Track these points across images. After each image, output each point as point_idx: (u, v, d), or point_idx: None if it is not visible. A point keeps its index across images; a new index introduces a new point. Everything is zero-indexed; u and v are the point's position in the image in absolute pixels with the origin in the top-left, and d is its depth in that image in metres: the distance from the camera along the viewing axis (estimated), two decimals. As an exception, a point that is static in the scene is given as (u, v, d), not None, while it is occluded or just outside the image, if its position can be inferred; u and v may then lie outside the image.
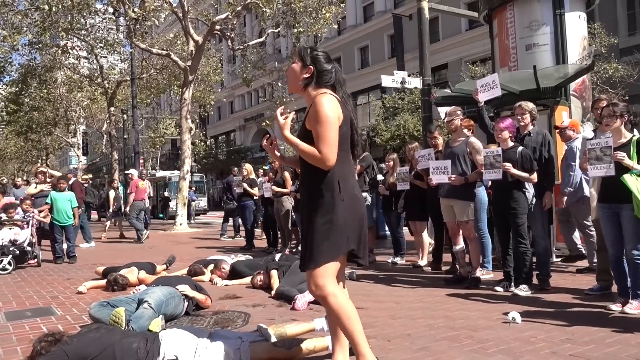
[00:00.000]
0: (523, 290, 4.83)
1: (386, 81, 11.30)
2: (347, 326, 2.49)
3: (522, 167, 4.90)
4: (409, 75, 11.67)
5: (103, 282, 5.88)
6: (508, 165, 4.85)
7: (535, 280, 5.08)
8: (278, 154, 2.93)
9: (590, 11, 8.60)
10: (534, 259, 5.17)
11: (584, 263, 6.27)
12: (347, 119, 2.57)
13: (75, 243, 9.18)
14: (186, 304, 4.40)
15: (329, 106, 2.49)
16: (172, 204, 23.04)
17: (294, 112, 2.83)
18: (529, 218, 5.03)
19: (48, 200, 8.82)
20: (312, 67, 2.62)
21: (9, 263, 7.50)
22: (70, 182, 11.23)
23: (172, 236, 14.27)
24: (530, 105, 5.39)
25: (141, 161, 24.13)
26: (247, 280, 5.81)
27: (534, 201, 5.10)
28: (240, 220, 11.45)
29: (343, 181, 2.54)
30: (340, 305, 2.48)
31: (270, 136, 2.87)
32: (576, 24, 8.03)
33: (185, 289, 4.45)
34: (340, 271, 2.63)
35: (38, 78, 23.99)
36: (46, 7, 15.05)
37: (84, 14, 17.76)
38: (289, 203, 8.68)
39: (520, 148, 4.99)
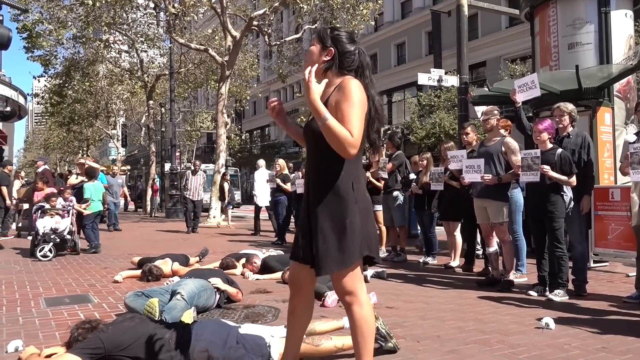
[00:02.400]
0: (558, 296, 4.72)
1: (423, 79, 11.17)
2: (358, 340, 2.36)
3: (560, 170, 4.78)
4: (446, 73, 11.51)
5: (138, 272, 6.03)
6: (546, 168, 4.74)
7: (570, 286, 4.96)
8: (282, 119, 2.54)
9: (638, 9, 8.29)
10: (570, 264, 5.05)
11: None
12: (368, 112, 2.33)
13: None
14: (218, 296, 4.47)
15: (360, 90, 2.27)
16: (206, 197, 23.39)
17: (326, 80, 2.41)
18: (566, 222, 4.90)
19: (87, 195, 9.09)
20: (332, 48, 2.38)
21: (50, 250, 7.76)
22: (40, 170, 11.80)
23: (206, 229, 14.49)
24: (569, 106, 5.24)
25: (177, 154, 24.55)
26: (278, 275, 5.86)
27: (571, 205, 4.97)
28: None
29: (356, 182, 2.37)
30: (363, 317, 2.34)
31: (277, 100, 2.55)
32: (622, 22, 7.77)
33: (217, 282, 4.52)
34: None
35: (81, 71, 24.64)
36: (90, 2, 15.45)
37: (126, 9, 18.19)
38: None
39: (560, 150, 4.87)
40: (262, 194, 11.99)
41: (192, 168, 13.30)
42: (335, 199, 2.32)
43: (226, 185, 15.41)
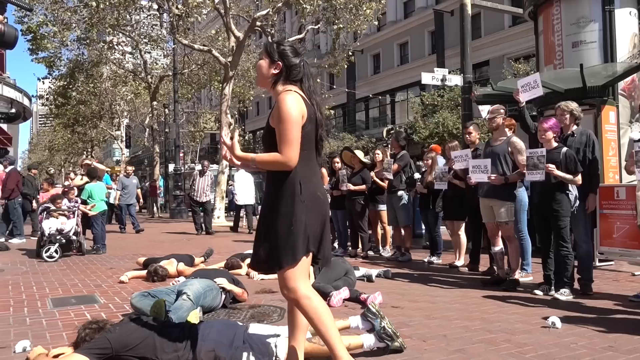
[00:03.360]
0: (564, 295, 4.71)
1: (426, 78, 11.18)
2: (321, 328, 2.46)
3: (566, 169, 4.77)
4: (449, 72, 11.51)
5: (144, 272, 6.05)
6: (552, 167, 4.73)
7: (576, 285, 4.95)
8: (239, 153, 2.57)
9: (642, 7, 8.26)
10: (576, 263, 5.03)
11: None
12: (311, 117, 2.50)
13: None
14: (223, 296, 4.48)
15: (293, 104, 2.43)
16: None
17: (237, 131, 2.71)
18: (571, 221, 4.89)
19: (85, 196, 9.08)
20: (280, 62, 2.54)
21: (56, 251, 7.80)
22: (7, 170, 10.78)
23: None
24: (571, 105, 5.21)
25: (181, 154, 24.61)
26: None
27: (577, 203, 4.96)
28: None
29: (305, 182, 2.48)
30: (315, 307, 2.45)
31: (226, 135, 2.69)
32: (626, 20, 7.74)
33: (223, 282, 4.53)
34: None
35: (85, 73, 24.74)
36: (94, 3, 15.52)
37: (130, 10, 18.25)
38: (325, 199, 8.70)
39: (565, 149, 4.86)
40: (242, 193, 12.59)
41: (200, 169, 13.04)
42: (283, 199, 2.46)
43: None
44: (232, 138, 2.58)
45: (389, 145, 8.10)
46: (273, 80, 2.56)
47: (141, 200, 16.37)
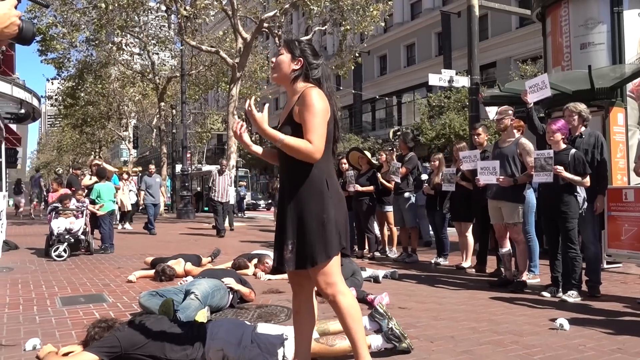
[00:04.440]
0: (572, 297, 4.70)
1: (434, 80, 11.18)
2: (351, 326, 2.48)
3: (574, 170, 4.75)
4: (456, 74, 11.50)
5: (151, 272, 6.08)
6: (560, 168, 4.72)
7: (584, 287, 4.93)
8: (250, 142, 2.67)
9: (651, 8, 8.22)
10: (584, 265, 5.02)
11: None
12: (332, 116, 2.51)
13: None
14: (231, 296, 4.50)
15: (321, 98, 2.44)
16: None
17: (267, 105, 2.62)
18: (579, 223, 4.88)
19: (94, 195, 9.15)
20: (301, 59, 2.54)
21: (64, 250, 7.86)
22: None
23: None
24: (579, 106, 5.20)
25: (188, 155, 24.70)
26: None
27: (585, 205, 4.94)
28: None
29: (330, 179, 2.51)
30: (350, 304, 2.47)
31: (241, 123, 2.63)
32: (635, 22, 7.70)
33: (230, 281, 4.55)
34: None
35: (93, 73, 24.88)
36: (103, 5, 15.61)
37: (138, 11, 18.32)
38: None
39: (573, 150, 4.85)
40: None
41: (219, 168, 12.46)
42: (313, 196, 2.46)
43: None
44: (261, 111, 2.47)
45: (395, 148, 8.08)
46: (294, 77, 2.54)
47: (166, 199, 16.15)
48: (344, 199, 2.61)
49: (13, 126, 20.48)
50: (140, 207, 14.51)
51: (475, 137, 6.52)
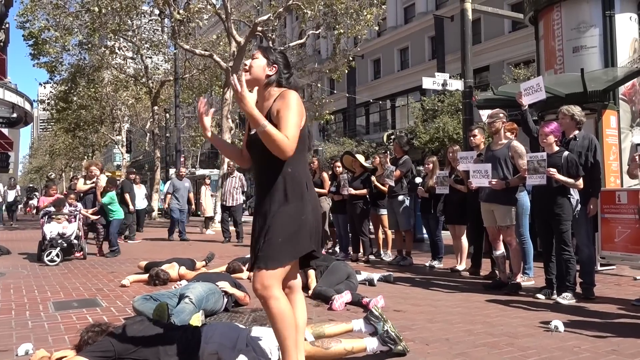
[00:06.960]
0: (566, 299, 4.71)
1: (427, 83, 11.19)
2: (282, 332, 2.45)
3: (567, 173, 4.77)
4: (450, 77, 11.53)
5: (145, 276, 6.04)
6: (553, 171, 4.74)
7: (578, 289, 4.95)
8: (208, 126, 2.67)
9: (642, 12, 8.29)
10: (578, 267, 5.03)
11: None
12: (305, 124, 2.54)
13: None
14: (225, 300, 4.48)
15: (300, 103, 2.50)
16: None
17: (257, 87, 2.59)
18: (573, 225, 4.90)
19: (107, 200, 9.15)
20: (276, 65, 2.58)
21: (57, 255, 7.79)
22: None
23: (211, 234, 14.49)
24: (573, 109, 5.23)
25: (182, 159, 24.64)
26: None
27: (578, 207, 4.96)
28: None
29: (309, 182, 2.56)
30: (282, 310, 2.43)
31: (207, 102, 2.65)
32: (627, 25, 7.77)
33: (225, 285, 4.53)
34: (294, 269, 2.61)
35: (86, 77, 24.81)
36: (96, 9, 15.59)
37: (132, 15, 18.31)
38: (326, 204, 8.69)
39: (566, 153, 4.87)
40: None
41: (226, 170, 12.08)
42: (293, 198, 2.46)
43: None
44: (245, 85, 2.41)
45: (389, 151, 8.09)
46: (267, 81, 2.57)
47: (193, 205, 14.40)
48: (319, 202, 2.64)
49: (5, 130, 20.37)
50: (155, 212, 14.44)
51: (472, 138, 6.51)
